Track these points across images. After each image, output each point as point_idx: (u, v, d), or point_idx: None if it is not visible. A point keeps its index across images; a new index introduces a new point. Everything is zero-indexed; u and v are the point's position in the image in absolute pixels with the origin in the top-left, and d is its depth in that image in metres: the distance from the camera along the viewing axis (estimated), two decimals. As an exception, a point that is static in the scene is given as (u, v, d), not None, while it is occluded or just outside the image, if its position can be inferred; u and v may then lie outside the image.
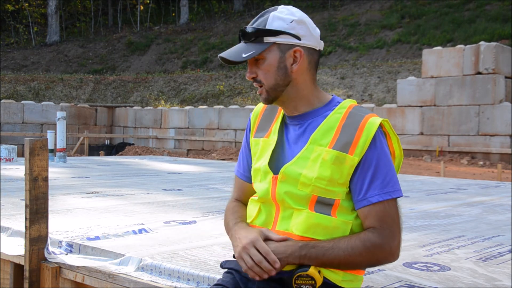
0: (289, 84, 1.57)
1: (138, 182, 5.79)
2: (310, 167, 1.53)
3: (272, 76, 1.56)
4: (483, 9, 22.90)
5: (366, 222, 1.51)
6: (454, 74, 13.34)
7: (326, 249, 1.47)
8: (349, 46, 23.07)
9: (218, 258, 2.33)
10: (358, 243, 1.48)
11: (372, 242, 1.48)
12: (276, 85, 1.56)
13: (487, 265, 2.40)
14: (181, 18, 32.66)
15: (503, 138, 12.55)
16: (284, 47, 1.55)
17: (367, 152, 1.51)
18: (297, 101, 1.59)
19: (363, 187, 1.51)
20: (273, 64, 1.55)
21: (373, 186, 1.50)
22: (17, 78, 22.18)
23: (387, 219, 1.50)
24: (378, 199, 1.49)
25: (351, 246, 1.47)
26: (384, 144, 1.54)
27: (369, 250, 1.48)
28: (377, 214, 1.50)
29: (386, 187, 1.50)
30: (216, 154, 15.62)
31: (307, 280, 1.45)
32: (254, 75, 1.57)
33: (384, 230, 1.49)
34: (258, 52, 1.53)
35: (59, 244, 2.69)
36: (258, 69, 1.57)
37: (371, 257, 1.49)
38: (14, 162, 8.45)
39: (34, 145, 2.59)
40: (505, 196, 5.13)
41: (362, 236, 1.49)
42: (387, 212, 1.50)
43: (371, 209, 1.50)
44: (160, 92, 22.18)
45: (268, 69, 1.55)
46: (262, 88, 1.58)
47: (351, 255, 1.47)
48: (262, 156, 1.65)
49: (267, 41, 1.54)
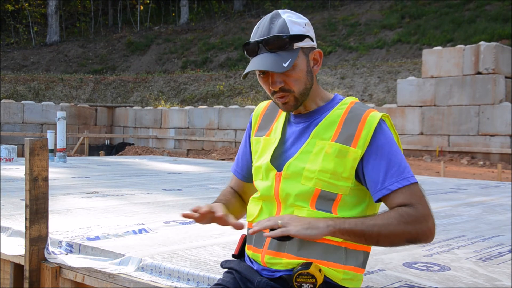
0: (312, 87, 1.58)
1: (138, 182, 5.79)
2: (312, 161, 1.53)
3: (302, 82, 1.55)
4: (483, 9, 22.90)
5: (393, 205, 1.49)
6: (454, 74, 13.34)
7: (364, 219, 1.45)
8: (349, 46, 23.07)
9: (218, 258, 2.33)
10: (394, 214, 1.45)
11: (408, 213, 1.45)
12: (305, 89, 1.56)
13: (487, 265, 2.40)
14: (181, 18, 32.66)
15: (503, 138, 12.54)
16: (307, 50, 1.56)
17: (376, 143, 1.51)
18: (309, 101, 1.60)
19: (380, 177, 1.50)
20: (303, 69, 1.54)
21: (389, 174, 1.49)
22: (17, 78, 22.18)
23: (414, 196, 1.48)
24: (397, 186, 1.48)
25: (388, 216, 1.45)
26: (390, 133, 1.55)
27: (406, 221, 1.44)
28: (403, 194, 1.48)
29: (403, 174, 1.50)
30: (216, 154, 15.61)
31: (308, 278, 1.45)
32: (282, 84, 1.53)
33: (416, 205, 1.47)
34: (295, 59, 1.51)
35: (59, 244, 2.69)
36: (286, 77, 1.53)
37: (409, 228, 1.44)
38: (14, 162, 8.45)
39: (34, 145, 2.59)
40: (505, 196, 5.13)
41: (397, 209, 1.47)
42: (412, 192, 1.49)
43: (394, 195, 1.49)
44: (160, 92, 22.18)
45: (300, 75, 1.54)
46: (289, 96, 1.54)
47: (390, 224, 1.43)
48: (264, 154, 1.66)
49: (296, 47, 1.53)
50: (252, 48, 1.54)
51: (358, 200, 1.56)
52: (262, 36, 1.53)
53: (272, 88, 1.54)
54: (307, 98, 1.58)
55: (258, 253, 1.60)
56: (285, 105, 1.56)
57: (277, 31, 1.51)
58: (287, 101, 1.55)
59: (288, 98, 1.55)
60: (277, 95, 1.55)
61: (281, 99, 1.55)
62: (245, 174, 1.79)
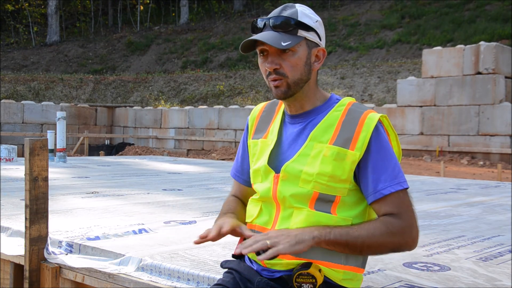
0: (308, 82, 1.58)
1: (138, 182, 5.78)
2: (310, 164, 1.53)
3: (298, 71, 1.55)
4: (483, 9, 22.90)
5: (381, 211, 1.52)
6: (454, 74, 13.34)
7: (349, 229, 1.47)
8: (349, 46, 23.07)
9: (218, 258, 2.33)
10: (379, 225, 1.48)
11: (393, 224, 1.48)
12: (300, 80, 1.56)
13: (487, 265, 2.40)
14: (181, 18, 32.66)
15: (503, 138, 12.54)
16: (311, 44, 1.57)
17: (372, 146, 1.52)
18: (305, 100, 1.60)
19: (373, 181, 1.51)
20: (302, 58, 1.55)
21: (383, 178, 1.51)
22: (17, 78, 22.18)
23: (403, 205, 1.51)
24: (390, 190, 1.50)
25: (373, 227, 1.47)
26: (386, 137, 1.56)
27: (391, 232, 1.47)
28: (392, 203, 1.50)
29: (396, 178, 1.51)
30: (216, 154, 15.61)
31: (307, 279, 1.45)
32: (277, 66, 1.54)
33: (402, 215, 1.50)
34: (295, 43, 1.52)
35: (59, 244, 2.69)
36: (283, 61, 1.53)
37: (393, 239, 1.48)
38: (14, 162, 8.45)
39: (34, 145, 2.59)
40: (505, 196, 5.13)
41: (382, 219, 1.50)
42: (401, 200, 1.51)
43: (385, 200, 1.50)
44: (160, 92, 22.17)
45: (297, 62, 1.54)
46: (282, 81, 1.54)
47: (374, 235, 1.46)
48: (261, 156, 1.66)
49: (300, 34, 1.54)
50: (259, 25, 1.56)
51: (358, 200, 1.56)
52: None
53: (268, 68, 1.54)
54: (300, 90, 1.57)
55: (258, 253, 1.59)
56: (276, 89, 1.56)
57: (288, 15, 1.54)
58: (279, 85, 1.55)
59: (281, 82, 1.54)
60: (271, 77, 1.55)
61: (274, 82, 1.55)
62: (246, 178, 1.78)
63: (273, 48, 1.53)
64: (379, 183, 1.50)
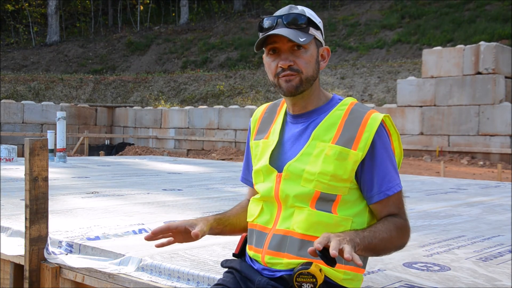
0: (315, 80, 1.60)
1: (138, 182, 5.78)
2: (312, 163, 1.54)
3: (311, 67, 1.57)
4: (483, 9, 22.90)
5: (384, 212, 1.57)
6: (454, 74, 13.34)
7: (374, 232, 1.49)
8: (349, 46, 23.06)
9: (218, 258, 2.33)
10: (391, 226, 1.53)
11: (401, 223, 1.56)
12: (311, 77, 1.57)
13: (487, 265, 2.40)
14: (181, 18, 32.65)
15: (503, 138, 12.54)
16: (318, 43, 1.60)
17: (375, 147, 1.53)
18: (310, 99, 1.61)
19: (377, 182, 1.54)
20: (314, 56, 1.57)
21: (386, 179, 1.54)
22: (17, 78, 22.18)
23: (402, 206, 1.60)
24: (393, 191, 1.55)
25: (388, 229, 1.52)
26: (388, 138, 1.58)
27: (400, 231, 1.54)
28: (394, 203, 1.57)
29: (396, 180, 1.57)
30: (216, 154, 15.61)
31: (308, 278, 1.45)
32: (291, 63, 1.54)
33: (402, 215, 1.59)
34: (309, 40, 1.54)
35: (59, 244, 2.69)
36: (296, 58, 1.54)
37: (402, 238, 1.56)
38: (14, 162, 8.45)
39: (34, 145, 2.59)
40: (505, 196, 5.13)
41: (390, 219, 1.55)
42: (401, 201, 1.60)
43: (388, 201, 1.55)
44: (160, 92, 22.17)
45: (310, 59, 1.56)
46: (296, 76, 1.54)
47: (392, 236, 1.51)
48: (262, 157, 1.66)
49: (311, 32, 1.56)
50: (270, 23, 1.56)
51: (357, 198, 1.57)
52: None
53: (282, 65, 1.53)
54: (309, 87, 1.58)
55: (259, 253, 1.60)
56: (288, 83, 1.54)
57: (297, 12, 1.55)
58: (291, 79, 1.54)
59: (295, 78, 1.55)
60: (283, 73, 1.55)
61: (286, 77, 1.54)
62: (251, 180, 1.78)
63: (286, 46, 1.53)
64: (383, 184, 1.54)
